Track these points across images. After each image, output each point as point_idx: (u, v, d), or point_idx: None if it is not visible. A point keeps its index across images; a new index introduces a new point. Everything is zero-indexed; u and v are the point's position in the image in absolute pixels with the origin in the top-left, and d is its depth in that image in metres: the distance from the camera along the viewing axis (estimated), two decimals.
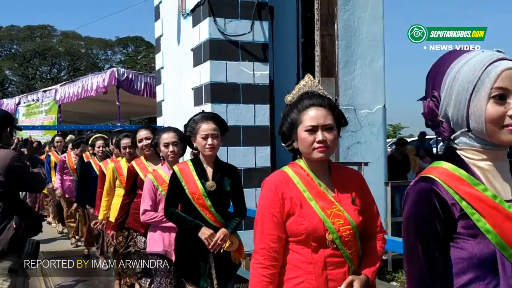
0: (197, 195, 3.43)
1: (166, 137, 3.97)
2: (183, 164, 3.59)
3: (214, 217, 3.47)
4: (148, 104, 13.60)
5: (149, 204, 3.97)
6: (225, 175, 3.54)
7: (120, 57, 46.72)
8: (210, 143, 3.40)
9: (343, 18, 7.31)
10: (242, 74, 6.61)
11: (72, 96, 14.22)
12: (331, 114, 2.15)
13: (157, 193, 4.00)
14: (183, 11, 7.30)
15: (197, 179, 3.45)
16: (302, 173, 2.20)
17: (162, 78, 8.69)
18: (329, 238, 2.08)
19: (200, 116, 3.51)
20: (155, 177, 4.04)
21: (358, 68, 7.43)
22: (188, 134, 3.51)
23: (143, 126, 4.72)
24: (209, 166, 3.53)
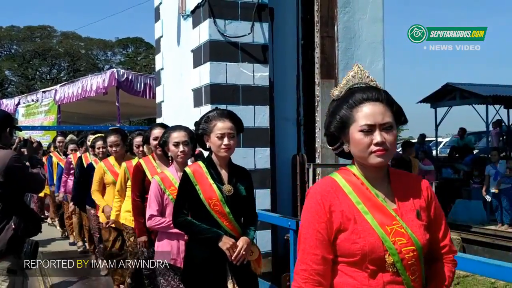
0: (213, 200, 3.12)
1: (176, 136, 3.73)
2: (195, 166, 3.27)
3: (232, 225, 3.17)
4: (148, 105, 13.60)
5: (155, 209, 3.68)
6: (240, 179, 3.26)
7: (120, 58, 46.71)
8: (226, 143, 3.12)
9: (343, 20, 7.31)
10: (242, 76, 6.61)
11: (71, 97, 14.22)
12: (389, 111, 1.82)
13: (164, 197, 3.72)
14: (183, 12, 7.30)
15: (212, 183, 3.15)
16: (355, 181, 1.85)
17: (162, 79, 8.69)
18: (389, 260, 1.74)
19: (215, 113, 3.21)
20: (161, 179, 3.75)
21: None
22: (200, 132, 3.23)
23: (159, 123, 4.51)
24: (223, 169, 3.25)
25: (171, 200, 3.62)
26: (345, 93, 1.91)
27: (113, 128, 5.89)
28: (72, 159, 8.03)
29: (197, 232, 3.14)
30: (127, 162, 5.18)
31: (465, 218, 11.21)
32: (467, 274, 7.61)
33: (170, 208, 3.61)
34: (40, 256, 7.53)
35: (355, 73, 1.97)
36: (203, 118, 3.23)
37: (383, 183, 1.87)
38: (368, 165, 1.82)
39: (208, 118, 3.20)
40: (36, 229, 3.74)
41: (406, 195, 1.86)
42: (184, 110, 7.29)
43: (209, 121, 3.19)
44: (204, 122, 3.21)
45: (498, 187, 10.82)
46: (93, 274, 6.73)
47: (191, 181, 3.17)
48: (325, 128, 1.94)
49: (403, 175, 1.95)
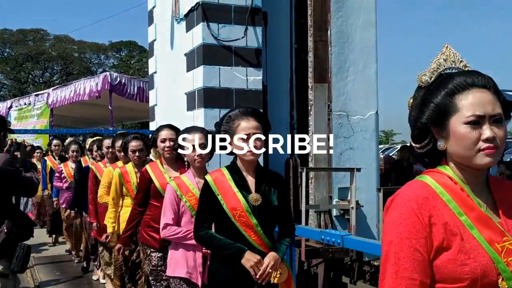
0: (238, 211, 2.77)
1: (192, 138, 3.43)
2: (217, 173, 2.91)
3: (260, 239, 2.80)
4: (141, 109, 13.58)
5: (170, 217, 3.36)
6: (270, 186, 2.88)
7: (113, 61, 46.64)
8: (252, 145, 2.76)
9: (336, 24, 7.34)
10: (235, 80, 6.62)
11: (64, 100, 14.18)
12: (498, 100, 1.47)
13: (180, 204, 3.40)
14: (176, 16, 7.31)
15: (237, 191, 2.80)
16: (453, 186, 1.49)
17: (155, 83, 8.69)
18: (503, 286, 1.38)
19: (238, 112, 2.84)
20: (178, 185, 3.44)
21: (351, 74, 7.46)
22: (222, 134, 2.87)
23: (167, 125, 4.23)
24: (250, 175, 2.88)
25: (188, 207, 3.36)
26: (437, 79, 1.57)
27: (121, 133, 5.74)
28: (62, 167, 7.70)
29: (219, 247, 2.80)
30: (121, 167, 4.96)
31: None
32: None
33: (187, 216, 3.38)
34: (32, 261, 7.54)
35: (447, 56, 1.60)
36: (224, 118, 2.88)
37: (483, 190, 1.53)
38: (471, 167, 1.47)
39: (230, 117, 2.84)
40: (28, 234, 3.73)
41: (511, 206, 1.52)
42: (177, 114, 7.29)
43: (231, 121, 2.82)
44: (226, 123, 2.84)
45: None
46: (86, 280, 6.71)
47: (213, 191, 2.83)
48: (412, 121, 1.59)
49: (506, 183, 1.61)
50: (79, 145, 7.72)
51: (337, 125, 7.24)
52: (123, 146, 4.90)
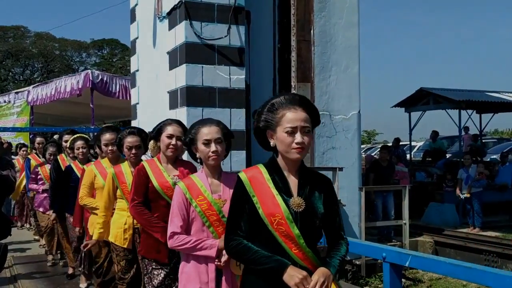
0: (277, 218, 2.33)
1: (207, 132, 2.94)
2: (253, 171, 2.49)
3: (303, 253, 2.35)
4: (123, 107, 13.48)
5: (178, 225, 2.88)
6: (315, 189, 2.43)
7: (95, 59, 46.20)
8: (299, 141, 2.30)
9: (319, 24, 7.36)
10: (218, 78, 6.60)
11: (45, 98, 14.00)
12: None
13: (190, 209, 2.93)
14: (159, 14, 7.26)
15: (276, 194, 2.36)
16: None
17: (137, 81, 8.62)
18: None
19: (282, 100, 2.39)
20: (187, 186, 2.95)
21: (333, 74, 7.49)
22: (261, 126, 2.43)
23: (177, 120, 3.78)
24: (292, 175, 2.43)
25: (199, 213, 2.90)
26: None
27: (108, 126, 4.99)
28: (39, 168, 7.24)
29: (255, 261, 2.34)
30: (115, 167, 4.35)
31: (438, 221, 11.36)
32: (439, 276, 7.71)
33: (197, 223, 2.91)
34: (11, 261, 7.42)
35: None
36: (266, 106, 2.43)
37: None
38: None
39: (273, 106, 2.39)
40: (6, 232, 3.67)
41: None
42: (160, 112, 7.24)
43: (274, 111, 2.38)
44: (268, 112, 2.40)
45: (470, 191, 11.02)
46: (67, 280, 6.63)
47: (247, 191, 2.40)
48: None
49: None
50: (57, 148, 7.06)
51: (320, 125, 7.24)
52: (118, 142, 4.31)
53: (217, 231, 2.88)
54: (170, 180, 3.56)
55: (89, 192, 4.88)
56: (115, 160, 4.72)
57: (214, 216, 2.89)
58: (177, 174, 3.60)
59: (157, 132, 3.65)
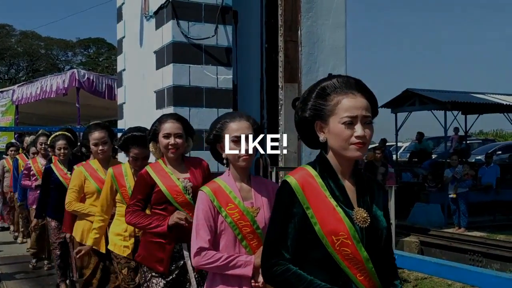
0: (341, 237, 1.80)
1: (236, 127, 2.48)
2: (302, 174, 1.92)
3: (371, 281, 1.85)
4: (109, 107, 13.40)
5: (206, 239, 2.40)
6: (374, 197, 1.95)
7: (81, 58, 45.87)
8: (360, 134, 1.80)
9: (306, 24, 7.38)
10: (205, 78, 6.58)
11: (30, 97, 13.87)
12: None
13: (219, 219, 2.45)
14: (146, 13, 7.23)
15: (336, 206, 1.83)
16: None
17: (124, 81, 8.57)
18: None
19: (336, 83, 1.88)
20: (214, 192, 2.48)
21: (320, 74, 7.51)
22: (308, 115, 1.91)
23: (172, 114, 3.39)
24: (347, 179, 1.92)
25: (230, 224, 2.42)
26: None
27: (97, 123, 4.57)
28: (31, 163, 7.04)
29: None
30: (115, 168, 3.97)
31: (423, 221, 11.45)
32: (424, 276, 7.76)
33: (227, 237, 2.44)
34: None
35: None
36: (314, 91, 1.91)
37: None
38: None
39: (324, 90, 1.88)
40: None
41: None
42: (146, 112, 7.21)
43: (325, 96, 1.87)
44: (317, 98, 1.89)
45: (456, 192, 11.12)
46: (51, 280, 6.57)
47: (299, 201, 1.85)
48: None
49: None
50: (48, 137, 6.65)
51: None
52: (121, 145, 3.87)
53: (251, 245, 2.43)
54: (179, 183, 3.16)
55: (78, 196, 4.41)
56: (106, 161, 4.36)
57: (248, 227, 2.43)
58: (187, 176, 3.22)
59: (153, 134, 3.27)
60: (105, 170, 4.24)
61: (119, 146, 3.90)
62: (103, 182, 4.14)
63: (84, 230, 4.31)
